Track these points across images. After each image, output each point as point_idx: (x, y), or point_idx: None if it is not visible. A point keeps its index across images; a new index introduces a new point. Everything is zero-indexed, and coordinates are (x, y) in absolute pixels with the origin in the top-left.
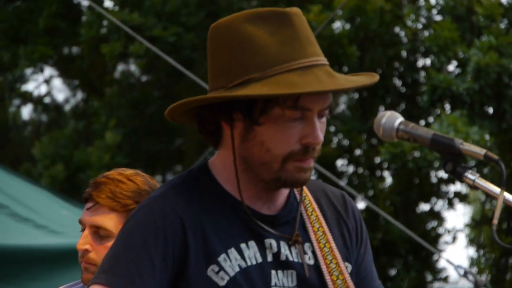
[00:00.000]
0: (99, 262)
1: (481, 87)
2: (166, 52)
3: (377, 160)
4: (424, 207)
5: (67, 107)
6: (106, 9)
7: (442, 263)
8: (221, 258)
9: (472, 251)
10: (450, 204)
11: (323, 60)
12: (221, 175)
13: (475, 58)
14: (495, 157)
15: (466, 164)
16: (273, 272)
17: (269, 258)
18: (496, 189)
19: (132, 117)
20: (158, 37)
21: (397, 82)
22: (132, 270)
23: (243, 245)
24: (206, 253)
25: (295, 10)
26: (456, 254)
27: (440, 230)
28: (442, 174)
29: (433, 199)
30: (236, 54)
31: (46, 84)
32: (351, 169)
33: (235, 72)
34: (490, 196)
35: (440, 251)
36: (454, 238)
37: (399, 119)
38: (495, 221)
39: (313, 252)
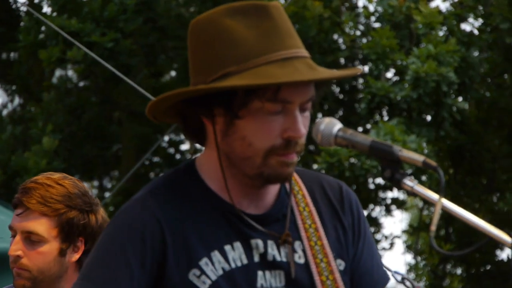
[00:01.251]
0: (31, 267)
1: (419, 95)
2: (104, 58)
3: (315, 166)
4: None
5: (5, 112)
6: (45, 14)
7: None
8: (203, 262)
9: (409, 258)
10: (388, 211)
11: (304, 52)
12: (207, 173)
13: (413, 66)
14: (434, 163)
15: (404, 171)
16: (259, 273)
17: (256, 258)
18: (434, 196)
19: (69, 123)
20: (96, 42)
21: (335, 89)
22: (109, 277)
23: (227, 247)
24: (188, 257)
25: (275, 3)
26: (393, 260)
27: (378, 236)
28: (380, 180)
29: (371, 205)
30: (215, 49)
31: None
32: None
33: (214, 66)
34: (428, 203)
35: None
36: (392, 245)
37: (338, 125)
38: (433, 227)
39: (304, 251)
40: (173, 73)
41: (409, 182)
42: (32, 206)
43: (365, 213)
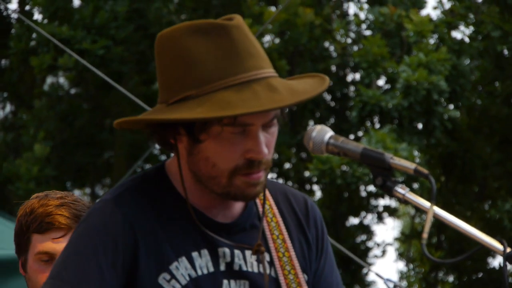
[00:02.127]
0: None
1: (410, 104)
2: (95, 65)
3: (307, 174)
4: (354, 220)
5: None
6: (36, 22)
7: (371, 277)
8: (173, 266)
9: (401, 265)
10: (380, 218)
11: (265, 72)
12: (176, 180)
13: (404, 74)
14: (425, 171)
15: (395, 179)
16: (225, 281)
17: (222, 267)
18: (426, 203)
19: (60, 130)
20: (87, 50)
21: (327, 97)
22: (79, 277)
23: (194, 254)
24: (158, 261)
25: (236, 22)
26: (385, 267)
27: (370, 244)
28: (372, 188)
29: (363, 213)
30: (175, 69)
31: None
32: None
33: (174, 88)
34: (420, 210)
35: (370, 264)
36: (384, 252)
37: (329, 133)
38: (425, 235)
39: (271, 262)
40: None
41: (401, 189)
42: (72, 226)
43: (357, 220)
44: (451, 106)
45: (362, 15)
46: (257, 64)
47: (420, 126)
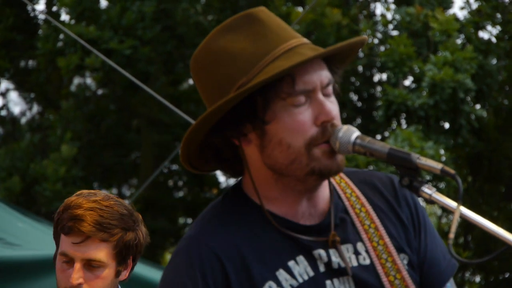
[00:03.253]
0: None
1: (436, 102)
2: (122, 66)
3: None
4: None
5: (23, 120)
6: (63, 22)
7: None
8: (266, 286)
9: None
10: None
11: (303, 40)
12: (255, 194)
13: (430, 73)
14: (452, 171)
15: (422, 179)
16: (328, 282)
17: (321, 269)
18: (452, 204)
19: (88, 130)
20: (114, 50)
21: (353, 97)
22: None
23: (291, 263)
24: (251, 285)
25: (259, 8)
26: None
27: None
28: None
29: None
30: (220, 71)
31: (2, 97)
32: (362, 170)
33: (225, 87)
34: (446, 211)
35: None
36: None
37: (356, 133)
38: (452, 235)
39: (367, 252)
40: (191, 81)
41: (428, 190)
42: (92, 234)
43: None
44: (478, 106)
45: (389, 15)
46: (292, 34)
47: (446, 125)
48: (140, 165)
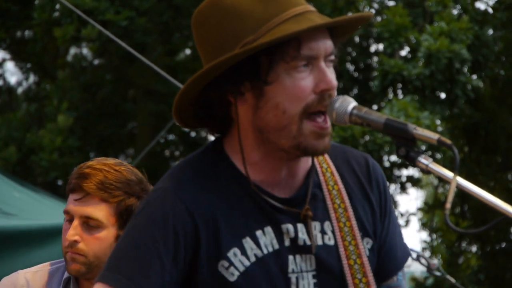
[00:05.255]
0: (87, 252)
1: (432, 72)
2: (119, 36)
3: None
4: None
5: (20, 90)
6: None
7: None
8: (231, 253)
9: (425, 235)
10: (403, 188)
11: (311, 7)
12: (236, 155)
13: (426, 43)
14: (448, 142)
15: (418, 149)
16: (290, 257)
17: (287, 243)
18: (449, 174)
19: (84, 100)
20: (111, 21)
21: (350, 67)
22: (139, 271)
23: (258, 233)
24: (217, 248)
25: None
26: (409, 238)
27: None
28: (395, 158)
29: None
30: (226, 28)
31: None
32: (339, 144)
33: (228, 43)
34: (443, 181)
35: None
36: (407, 222)
37: (353, 103)
38: (448, 205)
39: (333, 232)
40: (188, 51)
41: (424, 160)
42: (92, 191)
43: None
44: (474, 77)
45: None
46: (301, 1)
47: (442, 95)
48: (136, 135)
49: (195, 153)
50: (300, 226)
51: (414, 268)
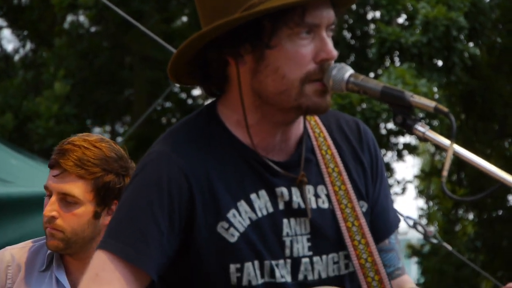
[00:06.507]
0: (65, 228)
1: (429, 40)
2: (115, 3)
3: None
4: None
5: (16, 57)
6: None
7: None
8: (230, 214)
9: (421, 203)
10: (400, 156)
11: None
12: (230, 118)
13: (423, 11)
14: (445, 109)
15: (415, 117)
16: (285, 220)
17: (281, 206)
18: (446, 141)
19: (81, 68)
20: None
21: (347, 35)
22: (136, 234)
23: (253, 196)
24: (215, 210)
25: None
26: (405, 205)
27: (390, 181)
28: (391, 125)
29: (383, 151)
30: None
31: None
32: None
33: (231, 4)
34: (439, 148)
35: None
36: (404, 189)
37: (349, 71)
38: (445, 173)
39: (327, 196)
40: (184, 19)
41: (421, 127)
42: (69, 168)
43: None
44: (471, 44)
45: None
46: None
47: (440, 63)
48: (133, 102)
49: (189, 116)
50: (294, 189)
51: (410, 235)
